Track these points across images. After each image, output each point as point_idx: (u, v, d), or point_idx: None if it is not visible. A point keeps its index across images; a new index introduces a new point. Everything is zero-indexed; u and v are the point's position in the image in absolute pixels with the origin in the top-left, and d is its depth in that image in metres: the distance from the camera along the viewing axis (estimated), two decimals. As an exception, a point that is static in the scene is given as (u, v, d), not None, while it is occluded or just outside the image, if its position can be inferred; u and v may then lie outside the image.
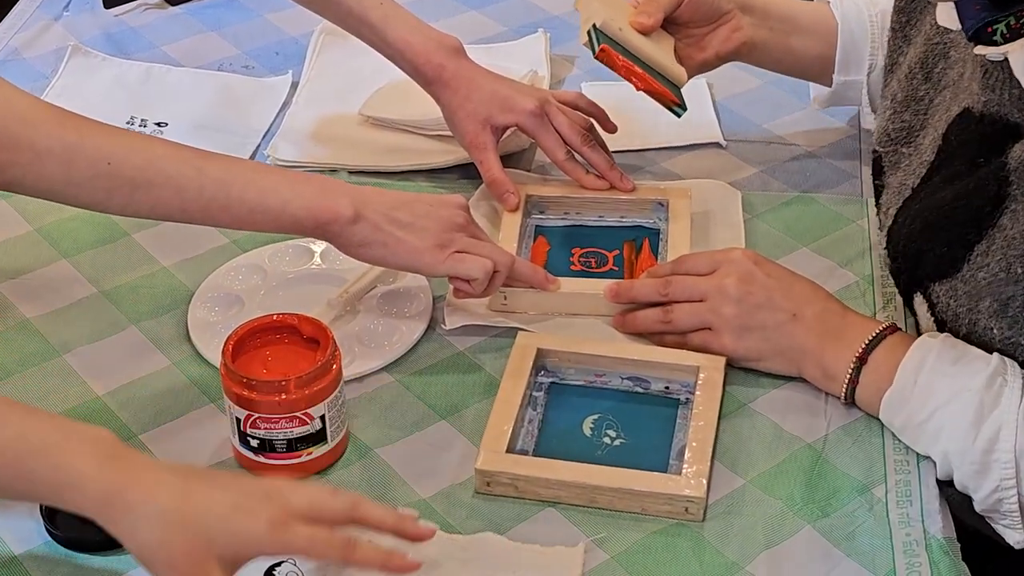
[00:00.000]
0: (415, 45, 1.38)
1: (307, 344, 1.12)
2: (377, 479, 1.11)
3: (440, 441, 1.14)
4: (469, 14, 1.77)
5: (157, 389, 1.20)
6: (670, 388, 1.18)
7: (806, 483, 1.10)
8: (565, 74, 1.65)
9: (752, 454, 1.12)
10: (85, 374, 1.21)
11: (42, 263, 1.35)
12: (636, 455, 1.11)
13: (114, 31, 1.77)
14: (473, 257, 1.20)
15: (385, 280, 1.30)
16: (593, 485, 1.07)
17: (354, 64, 1.64)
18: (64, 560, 1.04)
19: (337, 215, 1.16)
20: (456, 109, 1.38)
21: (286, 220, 1.15)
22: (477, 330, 1.25)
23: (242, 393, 1.07)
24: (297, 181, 1.17)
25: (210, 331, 1.25)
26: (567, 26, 1.74)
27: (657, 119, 1.49)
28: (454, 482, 1.10)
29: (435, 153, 1.49)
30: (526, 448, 1.12)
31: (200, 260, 1.35)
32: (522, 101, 1.38)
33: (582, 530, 1.06)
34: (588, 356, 1.20)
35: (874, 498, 1.08)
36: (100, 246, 1.37)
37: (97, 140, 1.11)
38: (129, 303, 1.30)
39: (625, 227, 1.37)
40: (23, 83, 1.57)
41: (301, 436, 1.08)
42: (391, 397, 1.19)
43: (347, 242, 1.18)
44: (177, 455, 1.13)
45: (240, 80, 1.65)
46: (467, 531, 1.05)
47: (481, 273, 1.20)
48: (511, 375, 1.17)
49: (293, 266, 1.33)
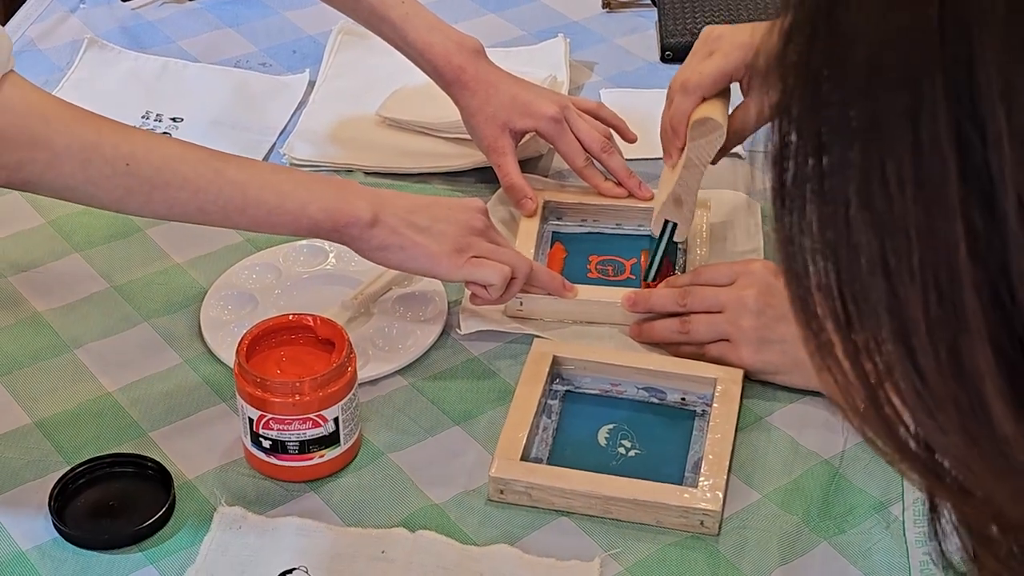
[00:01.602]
0: (435, 46, 1.37)
1: (322, 345, 1.11)
2: (389, 484, 1.10)
3: (453, 447, 1.13)
4: (488, 17, 1.76)
5: (168, 387, 1.19)
6: (686, 399, 1.17)
7: (823, 499, 1.08)
8: (584, 80, 1.64)
9: (768, 468, 1.11)
10: (96, 370, 1.20)
11: (54, 256, 1.34)
12: (651, 466, 1.10)
13: (131, 25, 1.76)
14: (491, 263, 1.19)
15: (400, 283, 1.29)
16: (608, 496, 1.06)
17: (372, 64, 1.63)
18: (71, 557, 1.03)
19: (355, 218, 1.15)
20: (475, 112, 1.37)
21: (304, 223, 1.14)
22: (492, 336, 1.24)
23: (256, 393, 1.06)
24: (315, 183, 1.16)
25: (223, 329, 1.24)
26: (587, 32, 1.73)
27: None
28: (467, 489, 1.09)
29: (452, 156, 1.48)
30: (540, 456, 1.11)
31: (214, 257, 1.34)
32: (542, 106, 1.36)
33: (596, 540, 1.05)
34: (604, 365, 1.18)
35: (891, 516, 1.07)
36: (113, 241, 1.36)
37: (115, 140, 1.10)
38: (142, 299, 1.29)
39: (643, 236, 1.36)
40: (38, 75, 1.57)
41: (314, 438, 1.07)
42: (404, 401, 1.18)
43: (365, 245, 1.17)
44: (187, 454, 1.12)
45: (257, 77, 1.64)
46: (480, 539, 1.04)
47: (499, 279, 1.19)
48: (526, 382, 1.16)
49: (307, 266, 1.32)
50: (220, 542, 1.04)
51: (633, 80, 1.63)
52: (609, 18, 1.77)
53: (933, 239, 0.47)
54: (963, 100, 0.46)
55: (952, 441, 0.51)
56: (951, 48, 0.47)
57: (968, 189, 0.46)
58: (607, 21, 1.76)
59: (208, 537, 1.04)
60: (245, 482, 1.09)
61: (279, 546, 1.03)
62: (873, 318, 0.50)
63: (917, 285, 0.48)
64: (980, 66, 0.46)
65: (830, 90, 0.50)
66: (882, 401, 0.52)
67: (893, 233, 0.48)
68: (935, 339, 0.49)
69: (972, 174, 0.46)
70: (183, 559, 1.03)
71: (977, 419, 0.49)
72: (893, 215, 0.48)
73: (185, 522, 1.06)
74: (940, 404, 0.50)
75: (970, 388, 0.49)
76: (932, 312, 0.48)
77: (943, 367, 0.49)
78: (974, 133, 0.46)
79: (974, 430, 0.50)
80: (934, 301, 0.48)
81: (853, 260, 0.50)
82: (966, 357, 0.48)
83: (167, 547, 1.04)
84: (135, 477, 1.09)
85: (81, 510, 1.06)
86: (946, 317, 0.48)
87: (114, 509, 1.07)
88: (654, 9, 1.75)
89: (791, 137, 0.52)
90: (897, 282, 0.49)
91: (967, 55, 0.46)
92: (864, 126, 0.49)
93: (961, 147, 0.47)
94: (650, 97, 1.59)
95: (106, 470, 1.09)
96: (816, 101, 0.51)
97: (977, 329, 0.48)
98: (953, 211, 0.47)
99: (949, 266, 0.47)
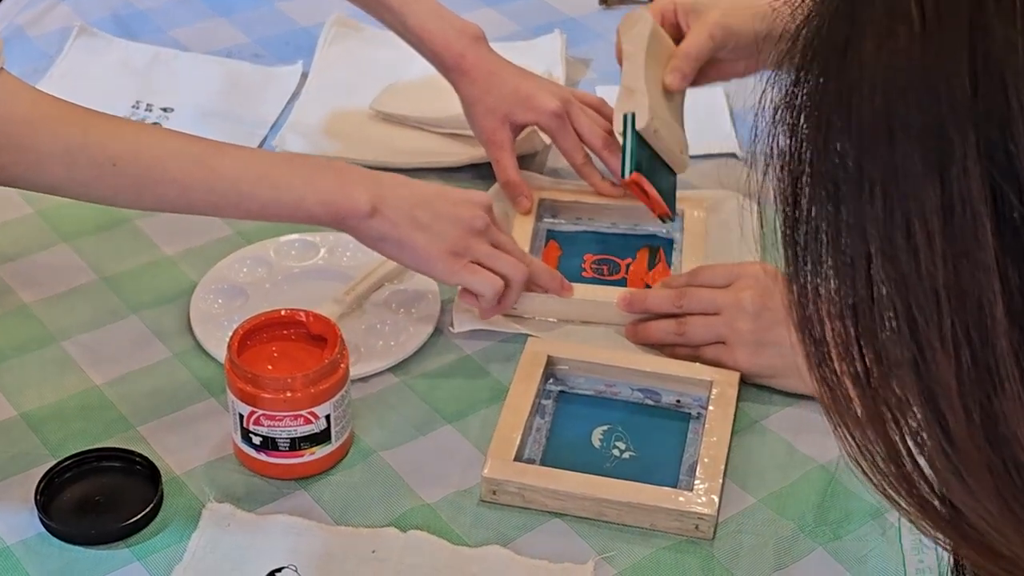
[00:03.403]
0: (435, 32, 1.35)
1: (314, 341, 1.10)
2: (380, 482, 1.08)
3: (446, 446, 1.12)
4: (484, 11, 1.74)
5: (157, 381, 1.17)
6: (681, 402, 1.16)
7: (818, 504, 1.07)
8: (580, 76, 1.63)
9: (764, 473, 1.10)
10: (83, 363, 1.19)
11: (42, 247, 1.32)
12: (646, 469, 1.09)
13: (122, 13, 1.74)
14: (484, 273, 1.17)
15: (393, 279, 1.27)
16: (602, 498, 1.04)
17: (366, 57, 1.62)
18: (57, 552, 1.02)
19: (353, 210, 1.13)
20: (475, 102, 1.35)
21: (301, 215, 1.13)
22: (486, 334, 1.23)
23: (246, 389, 1.05)
24: (314, 173, 1.14)
25: (213, 323, 1.22)
26: (583, 28, 1.72)
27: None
28: (459, 489, 1.08)
29: (446, 152, 1.47)
30: (533, 457, 1.10)
31: (204, 250, 1.32)
32: (544, 100, 1.35)
33: (589, 543, 1.03)
34: (599, 365, 1.17)
35: (887, 523, 1.06)
36: (102, 231, 1.34)
37: (103, 139, 1.08)
38: (131, 291, 1.27)
39: (639, 235, 1.35)
40: (26, 63, 1.55)
41: (305, 435, 1.06)
42: (396, 399, 1.16)
43: (364, 236, 1.15)
44: (176, 449, 1.10)
45: (249, 68, 1.62)
46: (472, 540, 1.03)
47: (490, 292, 1.17)
48: (520, 381, 1.15)
49: (299, 260, 1.30)
50: (208, 539, 1.02)
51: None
52: (606, 14, 1.75)
53: (965, 298, 0.45)
54: (997, 156, 0.44)
55: (983, 506, 0.48)
56: (983, 101, 0.44)
57: (1004, 246, 0.44)
58: (604, 17, 1.74)
59: (196, 534, 1.03)
60: (234, 479, 1.08)
61: (268, 544, 1.02)
62: (897, 378, 0.48)
63: (949, 346, 0.46)
64: (1016, 121, 0.44)
65: (843, 137, 0.47)
66: (904, 459, 0.50)
67: (920, 291, 0.46)
68: (967, 402, 0.46)
69: (1008, 230, 0.44)
70: (171, 556, 1.02)
71: (1013, 484, 0.47)
72: (920, 273, 0.46)
73: (173, 518, 1.05)
74: (972, 468, 0.48)
75: (1006, 452, 0.46)
76: (965, 374, 0.46)
77: (976, 431, 0.47)
78: (1010, 189, 0.44)
79: (1009, 495, 0.47)
80: (967, 362, 0.46)
81: (874, 318, 0.48)
82: (1001, 421, 0.46)
83: (154, 543, 1.03)
84: (122, 472, 1.07)
85: (67, 505, 1.05)
86: (980, 379, 0.46)
87: (101, 504, 1.05)
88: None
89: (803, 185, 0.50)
90: (924, 342, 0.46)
91: (1002, 108, 0.44)
92: (883, 178, 0.46)
93: (996, 203, 0.44)
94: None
95: (93, 464, 1.07)
96: (829, 148, 0.48)
97: (1014, 392, 0.45)
98: (988, 269, 0.44)
99: (983, 325, 0.45)
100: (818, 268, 0.50)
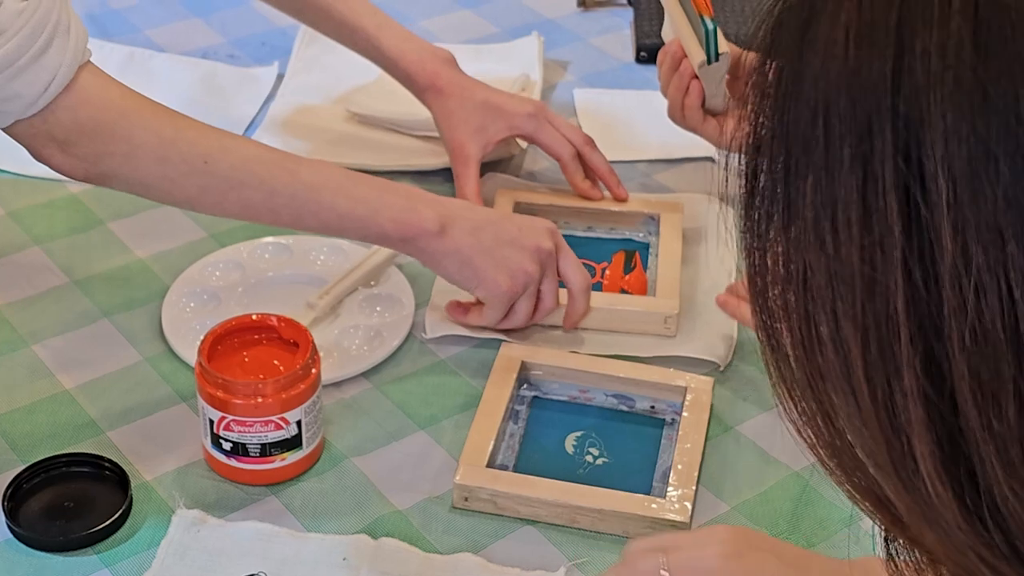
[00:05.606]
0: (409, 53, 1.37)
1: (286, 346, 1.09)
2: (351, 489, 1.07)
3: (418, 452, 1.11)
4: (462, 13, 1.74)
5: (128, 385, 1.16)
6: (656, 407, 1.15)
7: (792, 512, 1.07)
8: (558, 79, 1.62)
9: (738, 480, 1.10)
10: (53, 366, 1.18)
11: (13, 249, 1.31)
12: (619, 475, 1.08)
13: (96, 12, 1.72)
14: (524, 314, 1.19)
15: (366, 283, 1.27)
16: (575, 505, 1.04)
17: (342, 59, 1.60)
18: (24, 559, 1.01)
19: (423, 229, 1.14)
20: (448, 115, 1.36)
21: (373, 230, 1.14)
22: (459, 339, 1.22)
23: (217, 394, 1.04)
24: (386, 191, 1.15)
25: (184, 327, 1.21)
26: (561, 30, 1.72)
27: (648, 131, 1.46)
28: (431, 495, 1.07)
29: (421, 154, 1.46)
30: (506, 463, 1.09)
31: (176, 253, 1.31)
32: (517, 106, 1.36)
33: (561, 550, 1.03)
34: (573, 371, 1.17)
35: (861, 531, 1.06)
36: (75, 234, 1.33)
37: (193, 137, 1.10)
38: (102, 294, 1.26)
39: (614, 239, 1.35)
40: (1, 62, 1.54)
41: (276, 441, 1.05)
42: (369, 404, 1.16)
43: (430, 255, 1.16)
44: (146, 454, 1.09)
45: (225, 69, 1.61)
46: (443, 547, 1.02)
47: (521, 323, 1.20)
48: (493, 387, 1.14)
49: (272, 264, 1.29)
50: (178, 545, 1.01)
51: (607, 80, 1.61)
52: (584, 17, 1.75)
53: (874, 286, 0.48)
54: (911, 161, 0.46)
55: (888, 482, 0.51)
56: (903, 105, 0.46)
57: (910, 243, 0.46)
58: (582, 20, 1.74)
59: (166, 540, 1.02)
60: (204, 484, 1.07)
61: (238, 550, 1.01)
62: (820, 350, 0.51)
63: (859, 327, 0.48)
64: (928, 127, 0.46)
65: (792, 120, 0.50)
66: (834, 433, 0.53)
67: (840, 273, 0.49)
68: (872, 384, 0.49)
69: (915, 229, 0.46)
70: (140, 562, 1.01)
71: (908, 469, 0.50)
72: (840, 255, 0.48)
73: (142, 524, 1.04)
74: (877, 446, 0.50)
75: (902, 439, 0.49)
76: (871, 355, 0.48)
77: (880, 412, 0.49)
78: (919, 195, 0.46)
79: (905, 478, 0.50)
80: (873, 345, 0.48)
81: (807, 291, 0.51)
82: (900, 410, 0.48)
83: (124, 550, 1.02)
84: (92, 477, 1.06)
85: (35, 510, 1.04)
86: (884, 363, 0.48)
87: (69, 510, 1.04)
88: (630, 9, 1.74)
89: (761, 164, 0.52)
90: (840, 319, 0.49)
91: (918, 116, 0.46)
92: (820, 163, 0.49)
93: (907, 202, 0.46)
94: (624, 98, 1.58)
95: (62, 470, 1.07)
96: (782, 128, 0.51)
97: (911, 388, 0.48)
98: (894, 262, 0.47)
99: (887, 314, 0.48)
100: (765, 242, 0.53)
